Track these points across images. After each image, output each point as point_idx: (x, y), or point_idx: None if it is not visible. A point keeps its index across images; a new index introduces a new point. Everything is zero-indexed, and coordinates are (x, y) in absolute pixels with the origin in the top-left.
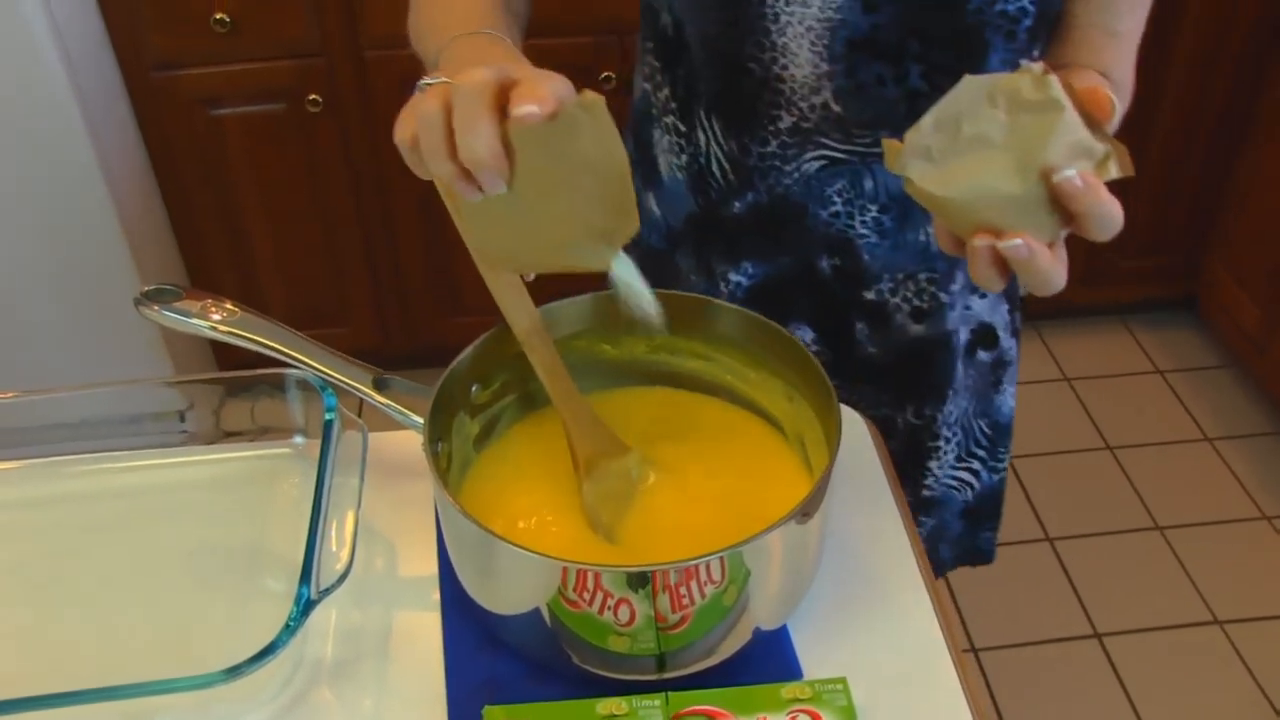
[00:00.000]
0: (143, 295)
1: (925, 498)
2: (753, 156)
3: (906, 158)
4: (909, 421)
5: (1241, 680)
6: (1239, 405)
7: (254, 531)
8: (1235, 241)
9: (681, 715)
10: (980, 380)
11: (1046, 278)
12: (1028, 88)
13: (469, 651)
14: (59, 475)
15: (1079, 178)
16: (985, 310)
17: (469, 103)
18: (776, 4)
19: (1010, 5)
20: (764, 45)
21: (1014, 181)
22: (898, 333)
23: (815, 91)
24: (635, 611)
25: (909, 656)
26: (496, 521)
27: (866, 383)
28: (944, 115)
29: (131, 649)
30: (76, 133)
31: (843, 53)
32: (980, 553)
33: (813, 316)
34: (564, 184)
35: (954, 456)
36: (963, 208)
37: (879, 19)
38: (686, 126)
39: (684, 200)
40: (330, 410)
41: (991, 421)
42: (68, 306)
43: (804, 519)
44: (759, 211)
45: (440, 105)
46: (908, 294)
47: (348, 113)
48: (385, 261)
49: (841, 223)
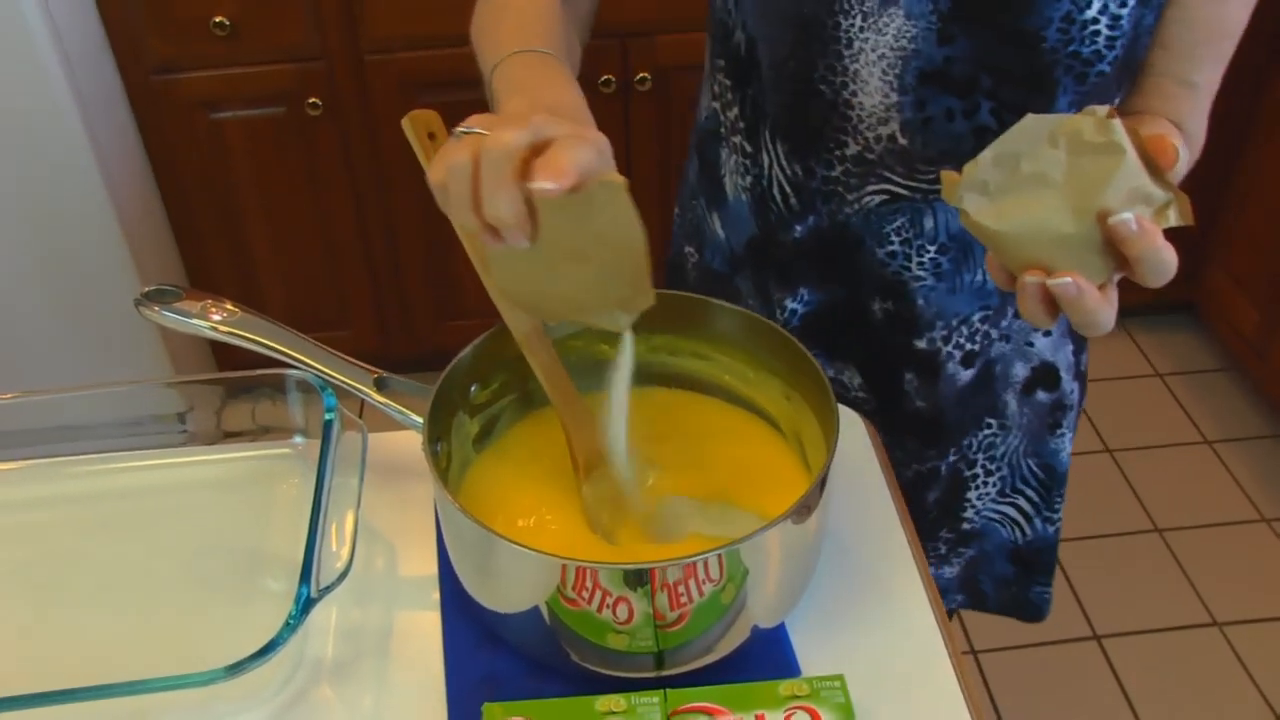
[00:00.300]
0: (143, 296)
1: (965, 531)
2: (816, 180)
3: (963, 190)
4: (950, 465)
5: (1241, 682)
6: (1239, 408)
7: (254, 532)
8: (1235, 245)
9: (680, 712)
10: (1035, 421)
11: (1093, 318)
12: (1090, 130)
13: (468, 649)
14: (60, 476)
15: (1135, 222)
16: (1048, 349)
17: (495, 167)
18: (851, 29)
19: (1085, 48)
20: (835, 70)
21: (1069, 221)
22: (947, 384)
23: (883, 122)
24: (634, 609)
25: (906, 654)
26: (496, 520)
27: (912, 435)
28: (1004, 151)
29: (133, 648)
30: (76, 137)
31: (913, 84)
32: (1033, 607)
33: (861, 361)
34: (583, 251)
35: (997, 490)
36: (1016, 243)
37: (952, 52)
38: (752, 147)
39: (746, 223)
40: (330, 410)
41: (1044, 464)
42: (68, 309)
43: (802, 518)
44: (818, 237)
45: (470, 158)
46: (960, 339)
47: (347, 116)
48: (385, 265)
49: (898, 263)
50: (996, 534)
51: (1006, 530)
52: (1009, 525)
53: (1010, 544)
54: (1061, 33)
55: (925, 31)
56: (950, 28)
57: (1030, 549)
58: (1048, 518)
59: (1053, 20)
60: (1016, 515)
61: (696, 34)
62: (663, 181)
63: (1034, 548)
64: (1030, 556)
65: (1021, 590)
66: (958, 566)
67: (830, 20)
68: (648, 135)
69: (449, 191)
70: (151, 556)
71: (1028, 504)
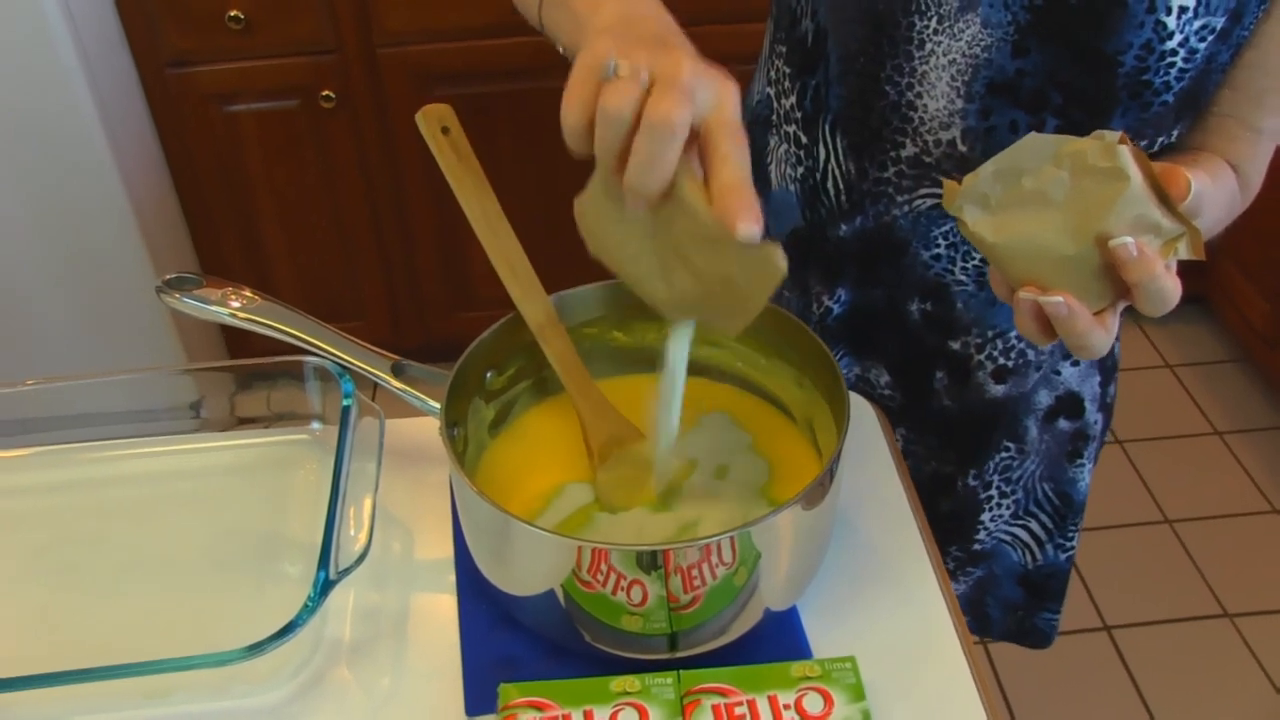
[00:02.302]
0: (164, 283)
1: (975, 550)
2: (869, 180)
3: (962, 200)
4: (967, 484)
5: (1251, 673)
6: (1249, 399)
7: (272, 517)
8: (1245, 236)
9: (693, 693)
10: (1055, 447)
11: (1084, 340)
12: (1095, 154)
13: (484, 631)
14: (79, 461)
15: (1134, 247)
16: (1075, 379)
17: (660, 142)
18: (925, 30)
19: (1158, 78)
20: (903, 70)
21: (1068, 243)
22: (975, 390)
23: (945, 127)
24: (648, 592)
25: (917, 637)
26: (511, 504)
27: (934, 435)
28: (1005, 166)
29: (152, 631)
30: (92, 129)
31: (981, 92)
32: (1039, 634)
33: (893, 360)
34: (699, 269)
35: (1010, 513)
36: (1013, 258)
37: (1025, 65)
38: (809, 139)
39: (792, 213)
40: (348, 396)
41: (1060, 492)
42: (84, 300)
43: (813, 502)
44: (863, 238)
45: (631, 110)
46: (994, 352)
47: (361, 109)
48: (398, 256)
49: (941, 266)
50: (1007, 556)
51: (1017, 553)
52: (1020, 548)
53: (1020, 567)
54: (1139, 60)
55: (1000, 42)
56: (1027, 40)
57: (1040, 574)
58: (1060, 544)
59: (1133, 45)
60: (1028, 538)
61: (704, 28)
62: None
63: (1044, 573)
64: (1040, 582)
65: (1029, 616)
66: (965, 586)
67: (905, 20)
68: None
69: (599, 136)
70: (171, 540)
71: (1040, 528)
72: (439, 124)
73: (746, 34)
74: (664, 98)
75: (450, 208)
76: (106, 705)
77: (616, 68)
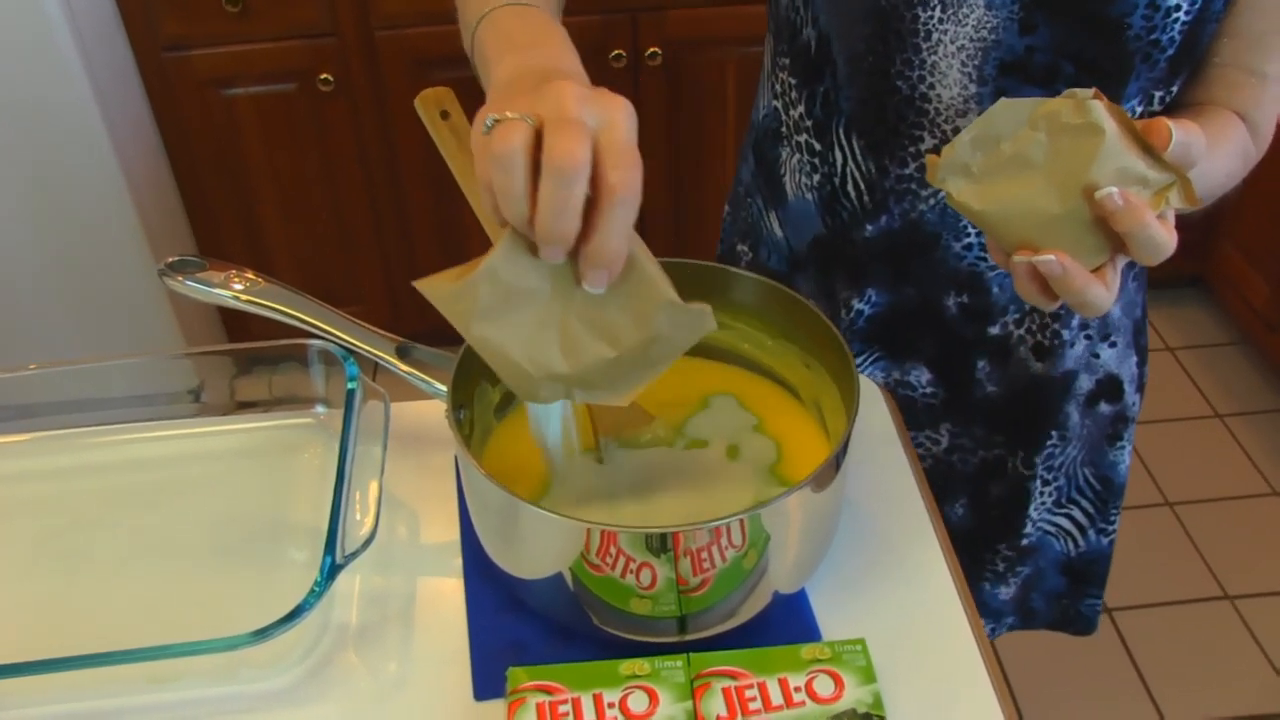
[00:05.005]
0: (167, 266)
1: (1023, 546)
2: (890, 178)
3: (944, 172)
4: (1018, 470)
5: (1252, 655)
6: (1249, 382)
7: (277, 502)
8: (1246, 219)
9: (703, 675)
10: (1096, 432)
11: (1082, 297)
12: (1068, 112)
13: (492, 615)
14: (83, 446)
15: (1119, 196)
16: (1114, 361)
17: (565, 185)
18: (930, 21)
19: (1164, 35)
20: (913, 63)
21: (1053, 201)
22: (1018, 368)
23: (961, 114)
24: (657, 575)
25: (925, 618)
26: (518, 487)
27: (980, 424)
28: (982, 134)
29: (158, 615)
30: (90, 114)
31: (993, 75)
32: (1083, 620)
33: (932, 357)
34: (620, 331)
35: (1052, 500)
36: (1004, 223)
37: (1034, 41)
38: (823, 145)
39: (812, 221)
40: (353, 379)
41: (1101, 476)
42: (82, 286)
43: (822, 484)
44: (890, 238)
45: (523, 145)
46: (1032, 327)
47: (359, 92)
48: (396, 240)
49: (974, 255)
50: (1050, 548)
51: (1060, 543)
52: (1062, 537)
53: (1063, 556)
54: (1145, 19)
55: (1007, 21)
56: (1033, 16)
57: (1082, 560)
58: (1102, 529)
59: (1138, 7)
60: (1070, 526)
61: (706, 9)
62: (671, 156)
63: (1086, 559)
64: (1082, 568)
65: (1073, 603)
66: (1014, 587)
67: (909, 13)
68: (658, 110)
69: (496, 185)
70: (176, 525)
71: (1082, 515)
72: (438, 107)
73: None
74: (559, 137)
75: (449, 191)
76: (112, 691)
77: (493, 121)
